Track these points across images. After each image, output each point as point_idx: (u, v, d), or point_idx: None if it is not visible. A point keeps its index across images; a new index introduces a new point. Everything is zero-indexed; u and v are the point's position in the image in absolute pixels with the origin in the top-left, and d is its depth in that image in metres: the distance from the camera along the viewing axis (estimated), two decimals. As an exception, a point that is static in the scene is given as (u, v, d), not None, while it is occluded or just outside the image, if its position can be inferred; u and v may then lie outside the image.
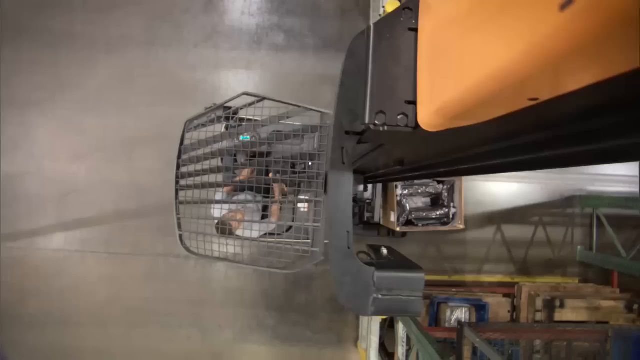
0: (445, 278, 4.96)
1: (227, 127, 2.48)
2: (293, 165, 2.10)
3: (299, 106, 2.09)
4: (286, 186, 2.39)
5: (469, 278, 4.98)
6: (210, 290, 4.91)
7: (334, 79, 4.25)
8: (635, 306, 4.26)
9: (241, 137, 2.37)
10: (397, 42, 0.85)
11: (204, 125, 2.40)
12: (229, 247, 2.18)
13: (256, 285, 4.89)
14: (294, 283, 4.89)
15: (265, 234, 2.57)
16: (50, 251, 4.87)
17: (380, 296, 0.95)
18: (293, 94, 4.92)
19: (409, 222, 3.78)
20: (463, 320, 4.23)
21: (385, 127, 0.83)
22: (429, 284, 4.88)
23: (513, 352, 3.94)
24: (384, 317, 3.86)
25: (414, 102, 0.81)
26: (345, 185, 1.04)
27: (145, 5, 4.92)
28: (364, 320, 4.57)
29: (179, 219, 2.26)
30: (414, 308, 0.99)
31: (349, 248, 1.02)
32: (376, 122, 0.83)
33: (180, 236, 2.23)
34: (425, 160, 1.14)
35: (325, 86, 4.93)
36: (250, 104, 2.28)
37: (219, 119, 2.38)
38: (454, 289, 4.67)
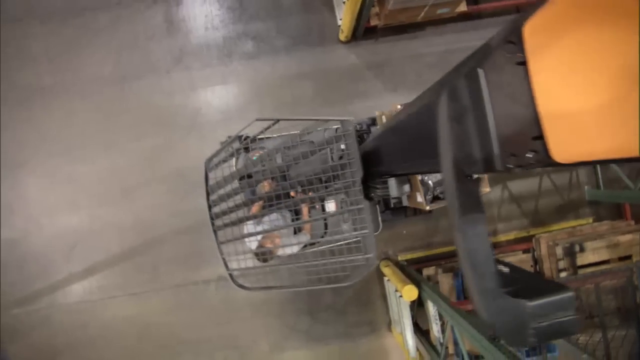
0: (462, 246, 4.96)
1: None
2: (323, 180, 2.06)
3: (317, 119, 2.06)
4: (317, 200, 2.36)
5: (486, 241, 4.99)
6: (236, 308, 4.91)
7: (311, 74, 4.23)
8: (653, 234, 4.29)
9: (254, 158, 2.34)
10: (508, 79, 0.79)
11: (224, 160, 2.36)
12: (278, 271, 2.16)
13: (280, 294, 4.89)
14: (316, 284, 4.90)
15: (305, 246, 2.57)
16: (71, 305, 4.86)
17: (537, 324, 0.93)
18: (275, 98, 4.89)
19: (435, 198, 3.72)
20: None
21: (518, 169, 0.80)
22: (446, 256, 4.91)
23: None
24: (414, 299, 3.88)
25: (540, 137, 0.77)
26: (479, 225, 0.98)
27: (109, 41, 4.83)
28: (393, 304, 4.59)
29: (224, 259, 2.24)
30: (573, 328, 0.95)
31: (498, 287, 0.97)
32: (508, 165, 0.79)
33: (231, 275, 2.21)
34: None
35: (305, 82, 4.90)
36: (266, 129, 2.25)
37: (237, 151, 2.35)
38: (473, 256, 4.68)
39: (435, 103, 1.01)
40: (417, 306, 4.35)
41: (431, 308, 4.02)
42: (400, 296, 3.95)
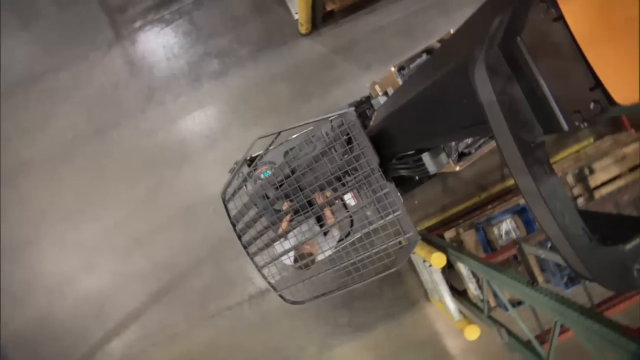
0: (476, 200, 4.98)
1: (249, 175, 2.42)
2: (340, 177, 2.03)
3: (317, 120, 2.01)
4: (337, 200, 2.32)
5: (497, 189, 5.00)
6: (275, 321, 4.93)
7: (282, 74, 4.17)
8: (656, 137, 4.29)
9: (262, 176, 2.31)
10: (550, 39, 0.79)
11: (239, 187, 2.34)
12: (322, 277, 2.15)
13: (313, 295, 4.91)
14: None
15: (340, 240, 2.57)
16: (116, 363, 4.88)
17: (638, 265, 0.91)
18: (254, 107, 4.84)
19: (461, 155, 3.52)
20: (511, 230, 4.28)
21: (586, 124, 0.78)
22: (462, 214, 4.91)
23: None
24: (444, 265, 3.89)
25: (597, 86, 0.77)
26: (558, 189, 0.95)
27: (76, 98, 4.77)
28: (424, 274, 4.61)
29: (270, 282, 2.24)
30: None
31: (591, 241, 0.96)
32: (576, 122, 0.78)
33: (281, 295, 2.21)
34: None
35: (279, 84, 4.86)
36: (270, 145, 2.22)
37: (249, 175, 2.32)
38: (489, 207, 4.70)
39: (470, 76, 0.95)
40: (448, 269, 4.37)
41: (463, 269, 4.04)
42: (430, 265, 3.96)
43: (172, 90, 4.81)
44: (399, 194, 2.07)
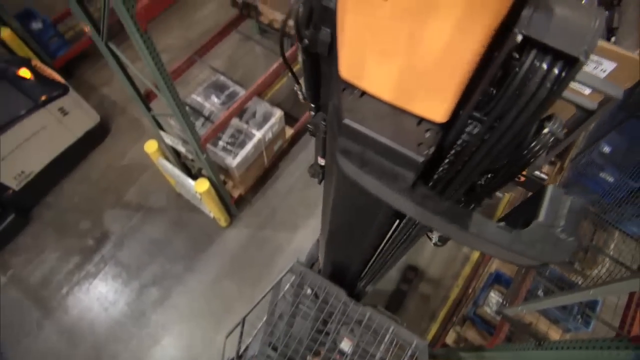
0: (457, 291, 4.80)
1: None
2: (321, 329, 1.90)
3: (270, 290, 2.00)
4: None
5: (467, 270, 4.90)
6: None
7: (222, 271, 4.18)
8: None
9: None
10: (367, 108, 0.99)
11: None
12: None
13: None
14: None
15: None
16: None
17: (560, 226, 0.99)
18: (211, 314, 4.66)
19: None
20: (500, 300, 4.06)
21: (432, 149, 0.95)
22: (454, 309, 4.64)
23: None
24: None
25: (421, 120, 0.98)
26: (454, 209, 1.13)
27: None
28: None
29: None
30: (577, 203, 1.03)
31: (510, 232, 1.07)
32: (423, 152, 0.96)
33: None
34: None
35: (223, 282, 4.82)
36: (241, 339, 2.11)
37: None
38: (470, 290, 4.53)
39: (338, 169, 1.11)
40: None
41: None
42: None
43: (121, 338, 4.55)
44: (384, 311, 2.01)
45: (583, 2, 0.72)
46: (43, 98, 4.58)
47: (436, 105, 0.88)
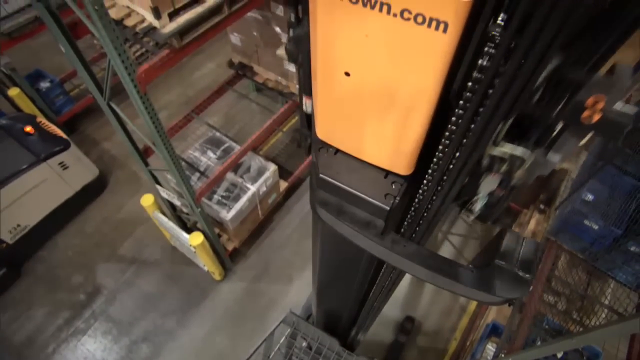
0: (454, 345, 4.69)
1: None
2: None
3: (263, 342, 1.99)
4: None
5: (464, 322, 4.82)
6: None
7: (216, 325, 4.12)
8: None
9: None
10: (340, 164, 1.20)
11: None
12: None
13: None
14: None
15: None
16: None
17: (513, 262, 1.12)
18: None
19: None
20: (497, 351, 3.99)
21: (398, 198, 1.14)
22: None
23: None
24: None
25: (387, 173, 1.16)
26: (422, 251, 1.38)
27: None
28: None
29: None
30: (533, 245, 1.18)
31: (472, 272, 1.27)
32: (390, 201, 1.16)
33: None
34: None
35: (217, 336, 4.71)
36: None
37: None
38: (467, 343, 4.43)
39: (323, 226, 1.26)
40: None
41: None
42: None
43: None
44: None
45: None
46: (44, 154, 4.73)
47: (399, 161, 1.00)
